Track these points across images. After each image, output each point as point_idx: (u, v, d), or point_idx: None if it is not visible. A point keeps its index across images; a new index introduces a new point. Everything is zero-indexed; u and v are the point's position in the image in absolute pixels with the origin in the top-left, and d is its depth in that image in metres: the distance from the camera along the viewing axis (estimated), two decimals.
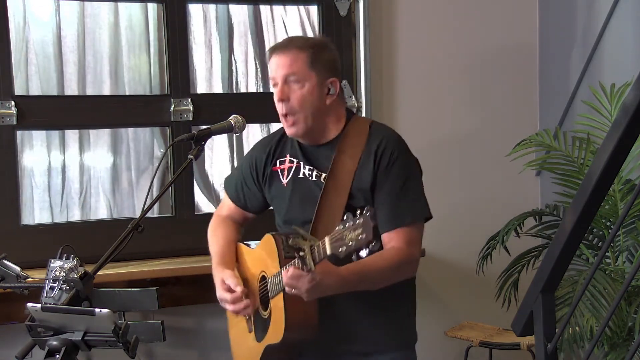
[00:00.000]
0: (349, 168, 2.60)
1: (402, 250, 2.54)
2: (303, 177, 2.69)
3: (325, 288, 2.40)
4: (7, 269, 2.45)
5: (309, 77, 2.57)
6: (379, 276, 2.51)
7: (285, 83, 2.58)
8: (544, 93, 4.45)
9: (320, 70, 2.58)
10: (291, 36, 2.70)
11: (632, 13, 3.92)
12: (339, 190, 2.59)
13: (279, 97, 2.59)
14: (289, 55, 2.57)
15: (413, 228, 2.57)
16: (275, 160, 2.76)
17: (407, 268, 2.58)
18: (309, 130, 2.63)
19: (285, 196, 2.72)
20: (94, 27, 3.89)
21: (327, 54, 2.62)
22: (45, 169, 3.87)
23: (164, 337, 2.99)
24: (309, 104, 2.58)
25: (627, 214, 3.15)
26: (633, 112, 2.11)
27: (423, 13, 4.26)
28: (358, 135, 2.63)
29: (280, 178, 2.74)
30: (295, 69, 2.56)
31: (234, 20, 4.11)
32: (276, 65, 2.59)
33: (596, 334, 2.35)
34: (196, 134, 2.55)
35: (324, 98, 2.60)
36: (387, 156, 2.58)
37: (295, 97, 2.58)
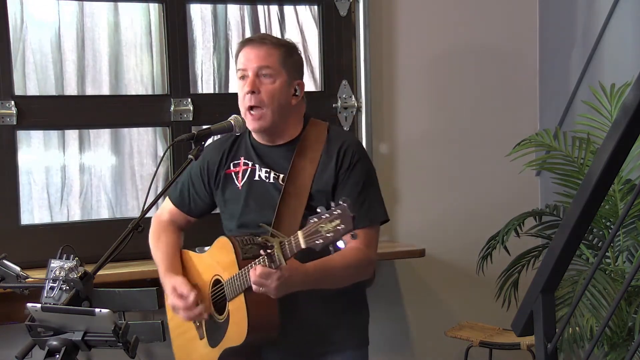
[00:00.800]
0: (309, 171, 2.63)
1: (361, 251, 2.58)
2: (259, 179, 2.70)
3: (293, 284, 2.43)
4: (7, 269, 2.45)
5: (280, 74, 2.62)
6: (340, 274, 2.55)
7: (257, 76, 2.61)
8: (544, 93, 4.45)
9: (290, 70, 2.64)
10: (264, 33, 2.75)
11: (632, 13, 3.92)
12: (298, 192, 2.62)
13: (250, 88, 2.61)
14: (264, 49, 2.62)
15: (371, 230, 2.62)
16: (229, 163, 2.76)
17: (364, 269, 2.62)
18: (272, 126, 2.65)
19: (240, 199, 2.72)
20: (93, 27, 3.88)
21: (297, 56, 2.69)
22: (46, 169, 3.87)
23: (164, 337, 2.98)
24: (277, 100, 2.62)
25: (627, 214, 3.15)
26: (633, 112, 2.11)
27: (423, 13, 4.26)
28: (317, 139, 2.67)
29: (235, 181, 2.74)
30: (269, 63, 2.61)
31: (234, 20, 4.11)
32: (249, 57, 2.63)
33: (596, 334, 2.35)
34: (196, 134, 2.54)
35: (290, 98, 2.65)
36: (349, 157, 2.63)
37: (265, 90, 2.61)
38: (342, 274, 2.56)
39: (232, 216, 2.76)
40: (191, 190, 2.84)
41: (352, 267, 2.57)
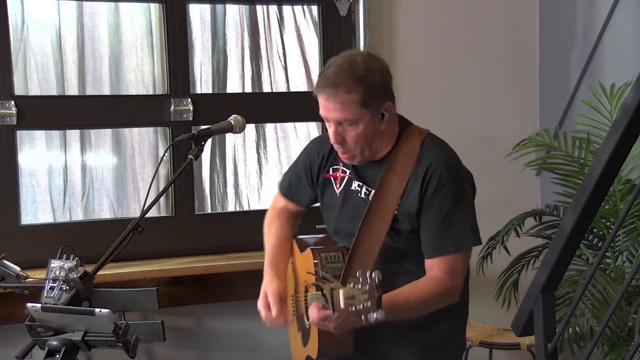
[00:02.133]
0: (396, 190, 2.51)
1: (441, 281, 2.49)
2: (354, 190, 2.62)
3: (353, 324, 2.38)
4: (7, 269, 2.45)
5: (362, 117, 2.45)
6: (414, 308, 2.47)
7: (339, 125, 2.48)
8: (544, 93, 4.45)
9: (373, 104, 2.46)
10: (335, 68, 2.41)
11: (632, 13, 3.92)
12: (383, 212, 2.52)
13: (334, 140, 2.50)
14: (338, 99, 2.43)
15: (456, 257, 2.50)
16: (329, 167, 2.68)
17: (445, 298, 2.52)
18: (367, 158, 2.56)
19: (336, 206, 2.66)
20: (94, 27, 3.88)
21: (378, 81, 2.46)
22: (48, 169, 3.87)
23: (164, 337, 3.00)
24: (364, 140, 2.49)
25: (627, 214, 3.15)
26: (633, 112, 2.11)
27: (423, 13, 4.26)
28: (408, 154, 2.53)
29: (334, 186, 2.67)
30: (346, 114, 2.44)
31: (235, 20, 4.11)
32: (326, 107, 2.47)
33: (596, 334, 2.35)
34: (196, 134, 2.54)
35: (379, 126, 2.50)
36: (435, 182, 2.48)
37: (350, 137, 2.48)
38: (416, 308, 2.47)
39: (329, 220, 2.72)
40: (297, 184, 2.79)
41: (429, 300, 2.48)
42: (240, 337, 3.96)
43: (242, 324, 3.93)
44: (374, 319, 2.10)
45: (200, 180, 4.08)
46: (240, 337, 3.96)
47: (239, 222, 4.03)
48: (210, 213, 4.08)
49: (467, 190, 2.58)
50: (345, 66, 2.45)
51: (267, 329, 4.03)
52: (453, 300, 2.54)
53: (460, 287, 2.54)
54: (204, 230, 3.96)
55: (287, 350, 4.01)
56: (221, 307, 3.89)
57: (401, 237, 2.54)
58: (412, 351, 2.62)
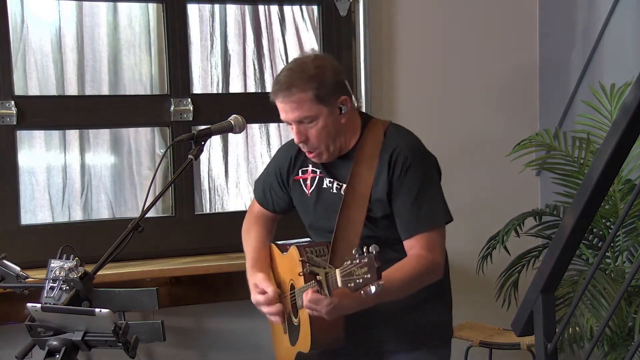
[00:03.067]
0: (367, 179, 2.59)
1: (422, 257, 2.54)
2: (326, 187, 2.69)
3: (345, 309, 2.42)
4: (7, 269, 2.45)
5: (319, 112, 2.54)
6: (401, 287, 2.50)
7: (299, 124, 2.56)
8: (544, 93, 4.45)
9: (328, 100, 2.54)
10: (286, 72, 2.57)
11: (632, 13, 3.92)
12: (357, 202, 2.59)
13: (298, 139, 2.58)
14: (293, 99, 2.53)
15: (432, 233, 2.56)
16: (297, 169, 2.75)
17: (430, 275, 2.56)
18: (333, 154, 2.63)
19: (309, 206, 2.73)
20: (94, 27, 3.88)
21: (329, 78, 2.55)
22: (47, 169, 3.86)
23: (164, 337, 2.99)
24: (326, 135, 2.57)
25: (627, 214, 3.15)
26: (633, 112, 2.11)
27: (423, 13, 4.26)
28: (373, 144, 2.61)
29: (303, 188, 2.74)
30: (304, 112, 2.53)
31: (235, 19, 4.11)
32: (284, 110, 2.56)
33: (596, 334, 2.35)
34: (196, 134, 2.54)
35: (339, 120, 2.58)
36: (400, 164, 2.56)
37: (312, 134, 2.57)
38: (403, 287, 2.51)
39: (305, 219, 2.79)
40: (271, 191, 2.85)
41: (414, 277, 2.52)
42: (240, 337, 3.96)
43: (242, 324, 3.93)
44: (374, 290, 2.18)
45: (199, 180, 4.08)
46: (240, 337, 3.96)
47: (239, 222, 4.02)
48: (210, 213, 4.08)
49: (432, 170, 2.67)
50: (295, 69, 2.57)
51: (267, 329, 4.03)
52: (437, 276, 2.59)
53: (442, 263, 2.59)
54: (204, 230, 3.96)
55: None
56: (221, 307, 3.89)
57: (377, 224, 2.61)
58: (404, 336, 2.67)
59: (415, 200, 2.55)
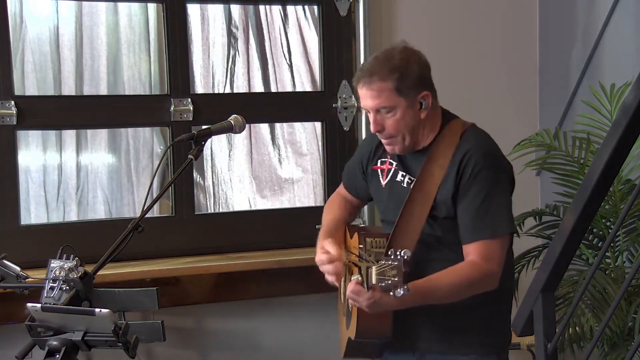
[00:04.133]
0: (436, 178, 2.59)
1: (477, 265, 2.52)
2: (399, 180, 2.70)
3: (386, 305, 2.41)
4: (7, 269, 2.45)
5: (398, 104, 2.56)
6: (449, 292, 2.50)
7: (377, 113, 2.58)
8: (544, 93, 4.45)
9: (409, 93, 2.57)
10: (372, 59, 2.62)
11: (632, 13, 3.92)
12: (423, 199, 2.59)
13: (374, 129, 2.60)
14: (373, 87, 2.56)
15: (492, 242, 2.54)
16: (377, 159, 2.77)
17: (482, 283, 2.54)
18: (408, 147, 2.64)
19: (383, 197, 2.74)
20: (92, 26, 3.88)
21: (412, 71, 2.59)
22: (45, 169, 3.86)
23: (164, 337, 2.99)
24: (403, 127, 2.58)
25: (627, 214, 3.15)
26: (633, 112, 2.11)
27: (423, 13, 4.26)
28: (448, 144, 2.62)
29: (380, 178, 2.75)
30: (382, 101, 2.55)
31: (235, 19, 4.11)
32: (364, 97, 2.59)
33: (596, 334, 2.35)
34: (196, 134, 2.54)
35: (418, 115, 2.60)
36: (470, 168, 2.56)
37: (389, 124, 2.58)
38: (452, 292, 2.51)
39: (379, 211, 2.83)
40: (354, 177, 2.88)
41: (465, 284, 2.51)
42: (240, 337, 3.96)
43: (242, 324, 3.93)
44: (400, 294, 2.19)
45: (201, 179, 4.08)
46: (240, 337, 3.96)
47: (239, 222, 4.03)
48: (210, 213, 4.07)
49: (504, 179, 2.63)
50: (381, 57, 2.61)
51: (267, 329, 4.04)
52: (491, 286, 2.55)
53: (498, 273, 2.54)
54: (204, 230, 3.95)
55: (287, 351, 4.02)
56: (221, 307, 3.89)
57: (439, 223, 2.60)
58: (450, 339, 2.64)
59: (480, 206, 2.54)
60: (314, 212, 4.08)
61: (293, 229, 4.02)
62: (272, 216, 4.10)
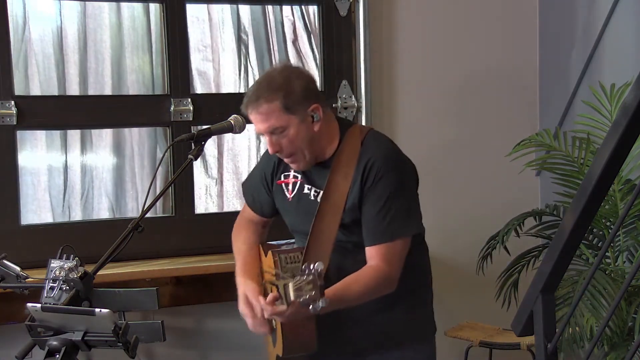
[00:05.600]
0: (342, 188, 2.61)
1: (379, 269, 2.57)
2: (305, 193, 2.72)
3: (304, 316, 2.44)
4: (7, 269, 2.45)
5: (289, 121, 2.56)
6: (358, 298, 2.56)
7: (272, 135, 2.59)
8: (544, 93, 4.45)
9: (297, 108, 2.56)
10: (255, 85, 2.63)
11: (632, 13, 3.92)
12: (332, 210, 2.62)
13: (272, 150, 2.62)
14: (261, 110, 2.56)
15: (392, 245, 2.58)
16: (280, 174, 2.77)
17: (383, 286, 2.59)
18: (310, 161, 2.65)
19: (291, 210, 2.75)
20: (95, 27, 3.88)
21: (297, 87, 2.57)
22: (48, 170, 3.86)
23: (164, 337, 2.99)
24: (300, 143, 2.60)
25: (627, 214, 3.15)
26: (633, 112, 2.11)
27: (423, 13, 4.26)
28: (351, 153, 2.63)
29: (285, 192, 2.76)
30: (273, 122, 2.56)
31: (236, 19, 4.11)
32: (255, 121, 2.60)
33: (596, 334, 2.35)
34: (196, 134, 2.55)
35: (311, 128, 2.60)
36: (373, 174, 2.59)
37: (285, 143, 2.59)
38: (359, 297, 2.55)
39: (288, 224, 2.82)
40: (257, 194, 2.88)
41: (369, 289, 2.56)
42: (240, 337, 3.95)
43: (242, 324, 3.89)
44: (319, 307, 2.21)
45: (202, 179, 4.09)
46: (240, 337, 3.95)
47: None
48: (210, 213, 4.08)
49: (406, 180, 2.66)
50: (263, 81, 2.62)
51: None
52: (390, 288, 2.60)
53: (396, 275, 2.60)
54: (204, 230, 3.95)
55: None
56: (221, 307, 3.89)
57: (351, 230, 2.64)
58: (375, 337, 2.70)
59: (380, 210, 2.58)
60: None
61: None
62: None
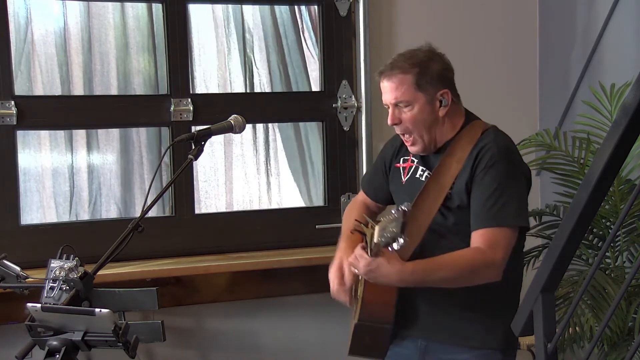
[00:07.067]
0: (452, 170, 2.62)
1: (480, 251, 2.54)
2: (418, 176, 2.73)
3: (384, 275, 2.45)
4: (7, 269, 2.46)
5: (416, 99, 2.61)
6: (450, 273, 2.53)
7: (396, 107, 2.62)
8: (544, 93, 4.45)
9: (428, 88, 2.62)
10: (396, 56, 2.72)
11: (632, 13, 3.92)
12: (437, 189, 2.63)
13: (391, 122, 2.66)
14: (393, 80, 2.62)
15: (499, 231, 2.56)
16: (400, 157, 2.80)
17: (484, 270, 2.55)
18: (428, 145, 2.67)
19: (403, 193, 2.75)
20: (97, 27, 3.88)
21: (434, 68, 2.64)
22: (50, 170, 3.86)
23: (164, 337, 2.99)
24: (421, 123, 2.62)
25: (627, 214, 3.15)
26: (633, 112, 2.11)
27: (423, 13, 4.26)
28: (468, 140, 2.65)
29: (401, 175, 2.78)
30: (400, 94, 2.61)
31: (235, 19, 4.11)
32: (385, 91, 2.65)
33: (596, 334, 2.35)
34: (196, 134, 2.55)
35: (436, 112, 2.63)
36: (486, 159, 2.59)
37: (406, 118, 2.63)
38: (453, 274, 2.53)
39: None
40: (375, 177, 2.90)
41: (466, 269, 2.53)
42: (240, 337, 3.96)
43: (242, 324, 3.93)
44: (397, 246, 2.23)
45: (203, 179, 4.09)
46: (240, 337, 3.96)
47: (239, 222, 4.03)
48: (210, 213, 4.07)
49: (518, 175, 2.66)
50: (405, 53, 2.70)
51: (267, 329, 4.03)
52: (493, 275, 2.55)
53: (500, 262, 2.55)
54: (204, 230, 3.96)
55: (287, 351, 4.01)
56: (221, 307, 3.89)
57: (452, 213, 2.63)
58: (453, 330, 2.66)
59: (490, 196, 2.56)
60: (313, 212, 4.09)
61: (293, 229, 4.02)
62: (272, 216, 4.10)
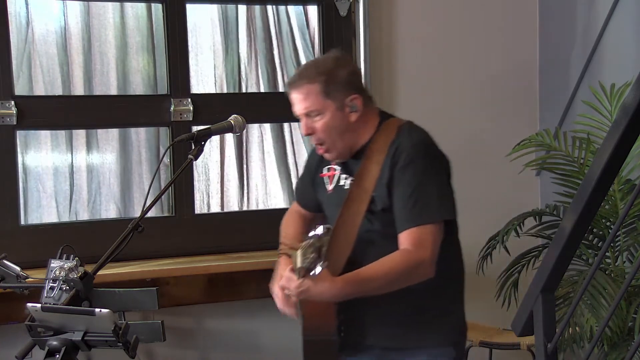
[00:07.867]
0: (373, 173, 2.60)
1: (408, 253, 2.53)
2: (342, 184, 2.71)
3: (316, 294, 2.44)
4: (7, 269, 2.45)
5: (326, 107, 2.58)
6: (383, 279, 2.50)
7: (307, 117, 2.60)
8: (544, 93, 4.45)
9: (336, 95, 2.58)
10: (302, 66, 2.73)
11: (632, 13, 3.92)
12: (361, 195, 2.61)
13: (304, 132, 2.64)
14: (301, 90, 2.59)
15: (423, 229, 2.54)
16: (323, 167, 2.78)
17: (416, 271, 2.53)
18: (343, 152, 2.65)
19: (330, 203, 2.74)
20: (97, 27, 3.88)
21: (340, 74, 2.60)
22: (51, 170, 3.86)
23: (164, 337, 2.99)
24: (333, 130, 2.60)
25: (627, 214, 3.15)
26: (633, 112, 2.11)
27: (423, 13, 4.26)
28: (384, 140, 2.63)
29: (326, 185, 2.76)
30: (310, 104, 2.58)
31: (238, 20, 4.11)
32: (294, 102, 2.62)
33: (596, 334, 2.35)
34: (196, 134, 2.55)
35: (347, 118, 2.61)
36: (403, 158, 2.57)
37: (318, 127, 2.60)
38: (385, 280, 2.51)
39: (327, 218, 2.79)
40: (303, 188, 2.89)
41: (397, 272, 2.51)
42: (240, 337, 3.96)
43: (242, 324, 3.93)
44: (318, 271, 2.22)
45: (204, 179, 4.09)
46: (240, 337, 3.96)
47: (239, 222, 4.03)
48: (210, 213, 4.08)
49: (436, 167, 2.63)
50: (310, 63, 2.72)
51: (267, 329, 4.03)
52: (425, 273, 2.54)
53: (429, 260, 2.54)
54: (204, 230, 3.96)
55: (287, 351, 4.01)
56: (221, 307, 3.89)
57: (377, 217, 2.61)
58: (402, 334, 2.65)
59: (411, 195, 2.54)
60: None
61: None
62: (271, 216, 4.09)
